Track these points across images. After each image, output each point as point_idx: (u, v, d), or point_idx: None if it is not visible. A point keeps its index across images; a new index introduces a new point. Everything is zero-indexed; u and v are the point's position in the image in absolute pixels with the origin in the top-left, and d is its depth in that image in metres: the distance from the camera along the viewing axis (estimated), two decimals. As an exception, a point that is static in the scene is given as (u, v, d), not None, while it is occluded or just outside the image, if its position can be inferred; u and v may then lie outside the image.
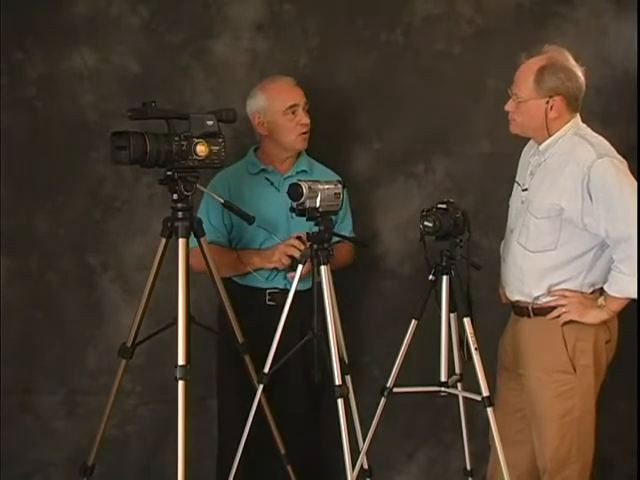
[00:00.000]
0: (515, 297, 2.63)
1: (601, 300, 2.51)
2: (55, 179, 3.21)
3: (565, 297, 2.52)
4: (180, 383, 2.37)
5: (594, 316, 2.51)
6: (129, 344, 2.58)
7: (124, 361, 2.59)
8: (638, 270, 2.40)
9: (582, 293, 2.54)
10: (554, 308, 2.54)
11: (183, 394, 2.37)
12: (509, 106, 2.56)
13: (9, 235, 3.20)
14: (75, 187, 3.22)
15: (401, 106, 3.21)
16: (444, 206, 2.48)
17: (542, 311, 2.56)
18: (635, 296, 2.45)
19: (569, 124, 2.56)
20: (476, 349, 2.46)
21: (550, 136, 2.55)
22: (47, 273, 3.24)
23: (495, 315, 2.81)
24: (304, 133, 2.85)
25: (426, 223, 2.46)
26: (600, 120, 3.15)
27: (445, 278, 2.50)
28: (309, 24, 3.19)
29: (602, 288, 2.53)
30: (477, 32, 3.18)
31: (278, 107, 2.81)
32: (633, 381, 3.09)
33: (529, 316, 2.60)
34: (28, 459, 3.28)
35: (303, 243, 2.65)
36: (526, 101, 2.51)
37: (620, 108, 3.17)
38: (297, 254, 2.66)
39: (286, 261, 2.73)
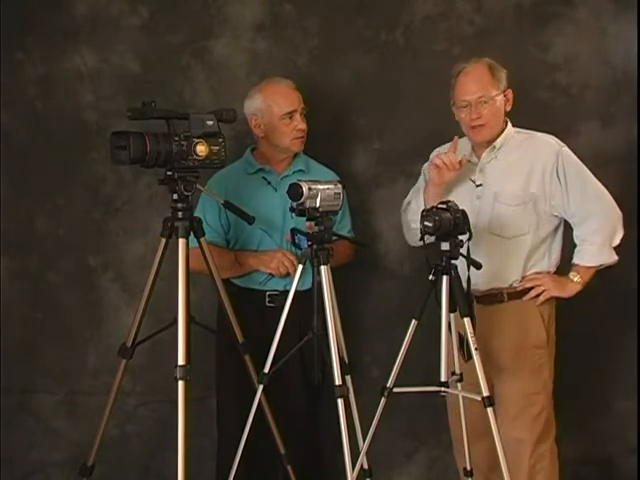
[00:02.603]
0: (489, 286, 2.71)
1: (574, 275, 2.70)
2: (55, 179, 3.22)
3: (538, 279, 2.70)
4: (180, 383, 2.37)
5: (571, 289, 2.71)
6: (129, 344, 2.58)
7: (124, 361, 2.59)
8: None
9: (549, 272, 2.73)
10: (528, 290, 2.70)
11: (183, 394, 2.37)
12: (476, 114, 2.65)
13: (9, 235, 3.20)
14: (75, 187, 3.23)
15: (401, 106, 3.21)
16: (444, 206, 2.48)
17: (517, 295, 2.71)
18: (607, 261, 2.68)
19: (509, 122, 2.75)
20: (476, 349, 2.46)
21: (502, 132, 2.71)
22: (47, 273, 3.25)
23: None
24: (300, 137, 2.85)
25: (426, 223, 2.46)
26: (600, 120, 3.16)
27: (445, 278, 2.49)
28: (309, 24, 3.19)
29: (571, 265, 2.72)
30: (477, 32, 3.18)
31: (276, 112, 2.81)
32: (633, 380, 3.09)
33: (501, 302, 2.71)
34: (28, 459, 3.29)
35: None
36: (494, 97, 2.66)
37: (620, 108, 3.17)
38: (292, 270, 2.70)
39: (284, 270, 2.75)
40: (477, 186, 2.73)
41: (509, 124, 2.74)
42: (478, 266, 2.54)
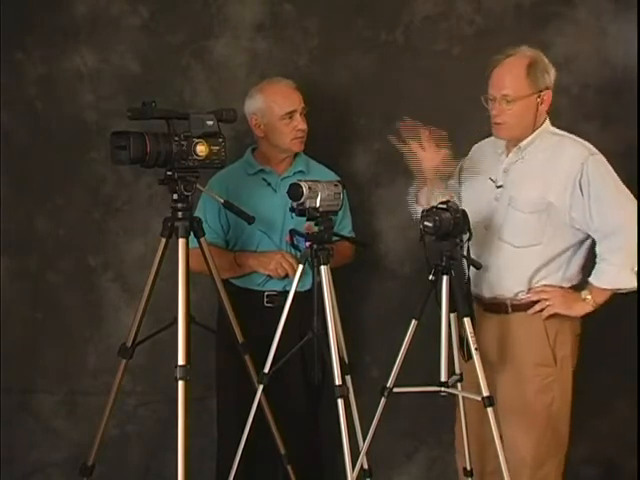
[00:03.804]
0: (493, 294, 2.64)
1: (586, 293, 2.54)
2: (55, 179, 3.22)
3: (546, 292, 2.56)
4: (180, 383, 2.37)
5: (580, 308, 2.55)
6: (129, 344, 2.58)
7: (124, 361, 2.59)
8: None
9: (561, 287, 2.59)
10: (534, 303, 2.57)
11: (183, 394, 2.37)
12: (497, 110, 2.55)
13: (9, 235, 3.21)
14: (75, 187, 3.23)
15: (401, 106, 3.21)
16: (444, 206, 2.48)
17: (522, 307, 2.59)
18: (624, 286, 2.50)
19: (546, 122, 2.61)
20: (476, 349, 2.46)
21: (533, 132, 2.58)
22: (47, 273, 3.25)
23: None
24: (300, 137, 2.85)
25: (426, 223, 2.46)
26: (600, 120, 3.16)
27: (445, 278, 2.50)
28: (309, 24, 3.19)
29: (586, 282, 2.57)
30: (477, 32, 3.17)
31: (276, 112, 2.81)
32: (633, 381, 3.09)
33: (506, 312, 2.62)
34: (28, 459, 3.29)
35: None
36: (519, 99, 2.52)
37: (620, 108, 3.16)
38: (291, 272, 2.69)
39: (282, 272, 2.75)
40: (497, 187, 2.62)
41: (545, 124, 2.59)
42: (478, 266, 2.54)
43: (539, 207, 2.53)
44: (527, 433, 2.59)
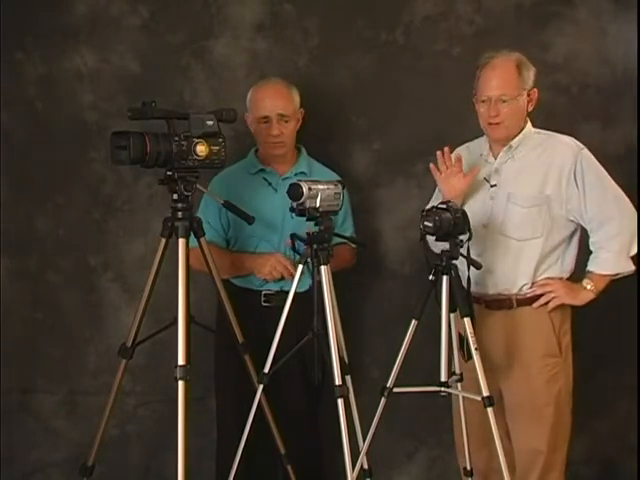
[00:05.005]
0: (498, 290, 2.66)
1: (587, 282, 2.63)
2: (55, 179, 3.22)
3: (550, 285, 2.63)
4: (180, 383, 2.37)
5: (584, 297, 2.63)
6: (129, 344, 2.58)
7: (124, 361, 2.59)
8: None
9: (561, 279, 2.66)
10: (538, 297, 2.63)
11: (183, 394, 2.37)
12: (494, 111, 2.59)
13: (9, 235, 3.21)
14: (75, 187, 3.23)
15: (401, 106, 3.21)
16: (444, 206, 2.48)
17: (526, 301, 2.64)
18: (623, 270, 2.61)
19: (529, 121, 2.70)
20: (476, 349, 2.46)
21: (520, 132, 2.66)
22: (47, 273, 3.25)
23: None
24: (274, 142, 2.83)
25: (426, 223, 2.46)
26: (600, 120, 3.16)
27: (445, 278, 2.50)
28: (309, 24, 3.19)
29: (583, 271, 2.65)
30: (477, 32, 3.18)
31: (255, 114, 2.84)
32: (633, 381, 3.09)
33: (510, 307, 2.65)
34: (28, 459, 3.29)
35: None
36: (515, 98, 2.60)
37: (620, 108, 3.17)
38: (286, 274, 2.70)
39: (277, 275, 2.75)
40: (491, 186, 2.68)
41: (529, 124, 2.68)
42: (478, 266, 2.54)
43: (538, 201, 2.61)
44: (538, 424, 2.63)
